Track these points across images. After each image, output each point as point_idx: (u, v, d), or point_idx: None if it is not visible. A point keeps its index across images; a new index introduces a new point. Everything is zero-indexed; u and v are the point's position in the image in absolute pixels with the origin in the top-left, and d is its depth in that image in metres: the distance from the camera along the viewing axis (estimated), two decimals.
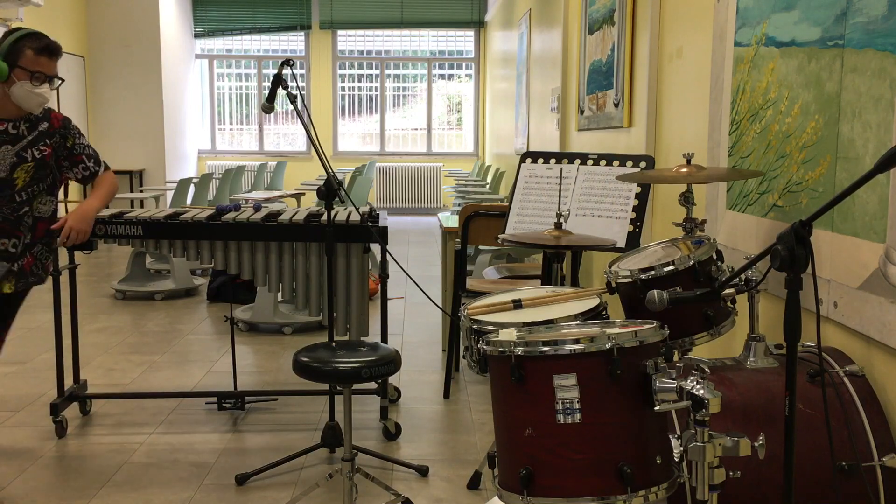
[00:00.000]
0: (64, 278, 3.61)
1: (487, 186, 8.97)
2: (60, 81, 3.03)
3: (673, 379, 1.65)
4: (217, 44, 13.43)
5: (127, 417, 3.79)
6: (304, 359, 2.62)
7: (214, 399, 3.95)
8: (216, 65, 13.55)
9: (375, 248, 7.11)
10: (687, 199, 2.51)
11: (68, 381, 3.80)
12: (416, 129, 13.82)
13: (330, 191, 3.10)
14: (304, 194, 9.66)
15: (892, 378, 1.96)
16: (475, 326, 2.27)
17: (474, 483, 3.06)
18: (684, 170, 2.38)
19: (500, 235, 3.05)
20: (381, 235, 3.44)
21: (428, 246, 9.70)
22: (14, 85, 2.95)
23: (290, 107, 4.23)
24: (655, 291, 1.90)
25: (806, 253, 1.51)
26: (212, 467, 3.24)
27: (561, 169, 3.22)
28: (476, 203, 5.10)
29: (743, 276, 2.17)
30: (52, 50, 2.99)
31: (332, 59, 13.50)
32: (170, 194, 10.31)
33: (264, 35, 13.29)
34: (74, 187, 10.87)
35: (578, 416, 1.67)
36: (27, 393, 4.15)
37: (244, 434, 3.60)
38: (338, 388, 3.64)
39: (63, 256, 3.79)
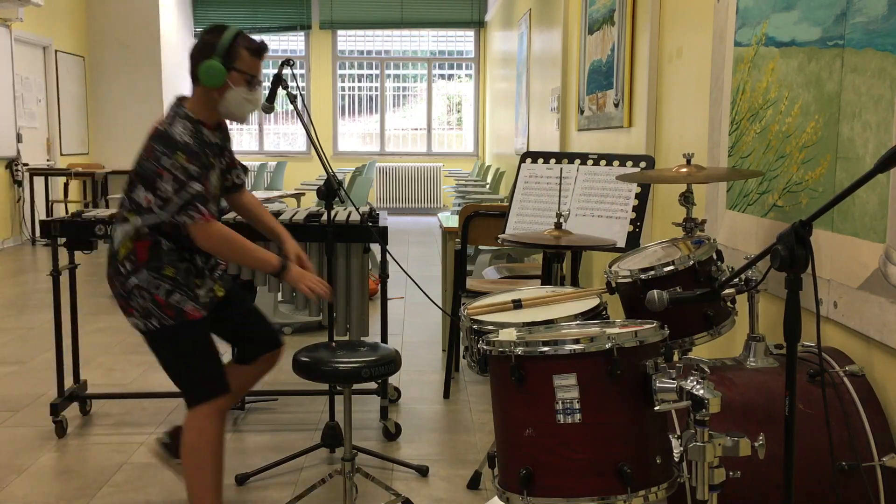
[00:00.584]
0: (64, 278, 3.61)
1: (487, 186, 8.97)
2: (261, 84, 2.63)
3: (673, 379, 1.65)
4: None
5: (127, 417, 3.79)
6: (304, 359, 2.62)
7: None
8: None
9: (375, 248, 7.12)
10: (687, 199, 2.51)
11: (68, 381, 3.80)
12: (416, 129, 13.82)
13: (330, 191, 3.10)
14: (304, 194, 9.66)
15: (892, 378, 1.96)
16: (475, 326, 2.27)
17: (474, 483, 3.06)
18: (684, 170, 2.38)
19: (500, 235, 3.05)
20: (381, 235, 3.44)
21: (428, 246, 9.70)
22: (229, 91, 2.53)
23: (290, 107, 4.23)
24: (655, 291, 1.90)
25: (806, 253, 1.51)
26: None
27: (561, 169, 3.22)
28: (476, 203, 5.10)
29: (743, 276, 2.17)
30: (263, 50, 2.59)
31: (332, 59, 13.50)
32: None
33: (264, 35, 13.29)
34: (74, 187, 10.87)
35: (578, 416, 1.67)
36: (27, 393, 4.14)
37: (244, 434, 3.60)
38: (338, 388, 3.64)
39: (63, 256, 3.79)
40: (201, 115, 2.56)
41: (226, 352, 4.20)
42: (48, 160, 10.47)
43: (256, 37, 2.58)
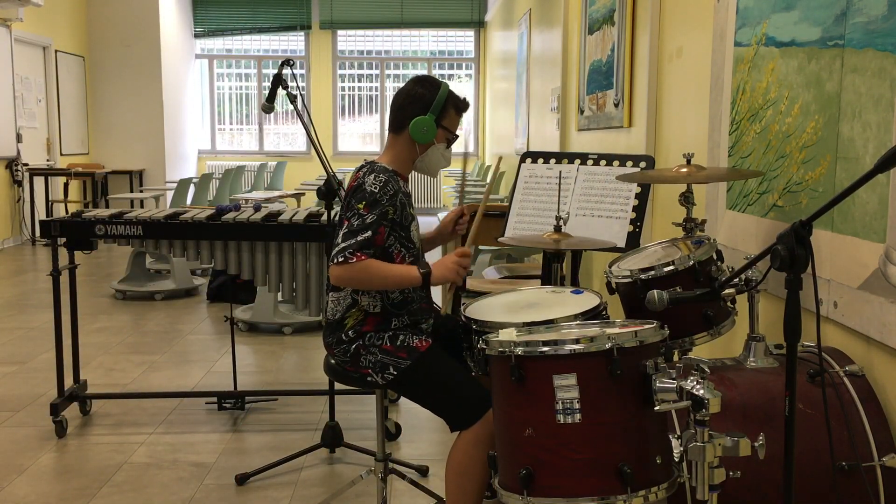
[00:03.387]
0: (64, 278, 3.61)
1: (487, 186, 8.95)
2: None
3: (673, 379, 1.65)
4: (217, 44, 13.43)
5: (127, 417, 3.79)
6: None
7: (214, 399, 3.95)
8: (216, 65, 13.55)
9: None
10: (687, 199, 2.51)
11: (68, 381, 3.80)
12: None
13: (330, 191, 3.10)
14: (304, 194, 9.65)
15: (892, 378, 1.96)
16: (475, 326, 2.27)
17: None
18: (684, 170, 2.38)
19: (499, 238, 3.05)
20: None
21: None
22: (432, 147, 2.48)
23: (290, 107, 4.22)
24: (655, 291, 1.90)
25: (806, 253, 1.51)
26: (212, 467, 3.24)
27: (560, 171, 3.21)
28: (476, 203, 5.10)
29: (743, 276, 2.17)
30: (467, 107, 2.54)
31: (332, 59, 13.49)
32: (170, 194, 10.32)
33: (264, 35, 13.29)
34: (74, 187, 10.87)
35: (578, 416, 1.67)
36: (27, 393, 4.14)
37: (244, 434, 3.60)
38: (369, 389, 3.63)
39: (63, 256, 3.79)
40: (398, 167, 2.47)
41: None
42: (48, 160, 10.47)
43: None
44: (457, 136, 2.53)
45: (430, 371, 2.37)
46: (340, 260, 2.30)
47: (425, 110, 2.44)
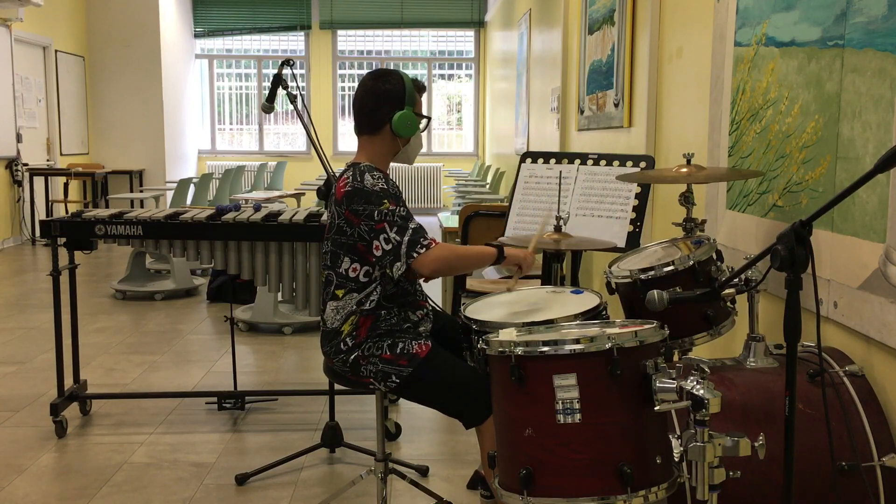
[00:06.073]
0: (64, 278, 3.62)
1: (487, 186, 8.97)
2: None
3: (673, 379, 1.65)
4: (217, 44, 13.42)
5: (127, 417, 3.79)
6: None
7: (214, 399, 3.95)
8: (216, 65, 13.55)
9: None
10: (687, 199, 2.51)
11: (68, 381, 3.80)
12: None
13: (330, 191, 3.10)
14: (304, 194, 9.66)
15: (892, 378, 1.96)
16: (475, 326, 2.26)
17: (474, 483, 3.06)
18: (684, 170, 2.38)
19: (499, 239, 3.04)
20: None
21: None
22: (414, 136, 2.48)
23: (290, 107, 4.24)
24: (655, 291, 1.90)
25: (806, 253, 1.51)
26: (212, 467, 3.24)
27: (560, 171, 3.21)
28: (476, 203, 5.10)
29: (743, 276, 2.17)
30: (425, 87, 2.53)
31: (332, 59, 13.49)
32: (170, 194, 10.31)
33: (264, 35, 13.29)
34: (74, 187, 10.88)
35: (578, 416, 1.67)
36: (27, 393, 4.14)
37: (244, 434, 3.60)
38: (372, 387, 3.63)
39: (63, 256, 3.79)
40: (379, 165, 2.46)
41: None
42: (48, 160, 10.47)
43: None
44: (429, 118, 2.54)
45: (434, 375, 2.37)
46: (421, 251, 2.30)
47: (401, 104, 2.43)
